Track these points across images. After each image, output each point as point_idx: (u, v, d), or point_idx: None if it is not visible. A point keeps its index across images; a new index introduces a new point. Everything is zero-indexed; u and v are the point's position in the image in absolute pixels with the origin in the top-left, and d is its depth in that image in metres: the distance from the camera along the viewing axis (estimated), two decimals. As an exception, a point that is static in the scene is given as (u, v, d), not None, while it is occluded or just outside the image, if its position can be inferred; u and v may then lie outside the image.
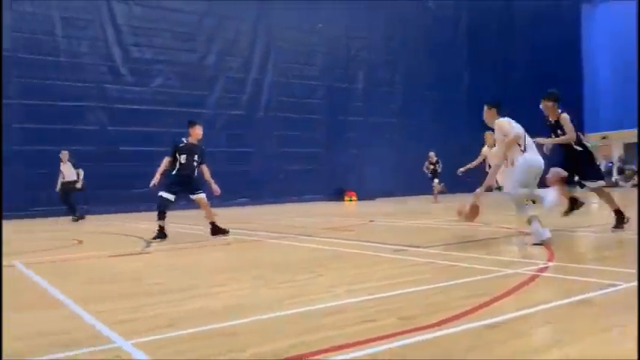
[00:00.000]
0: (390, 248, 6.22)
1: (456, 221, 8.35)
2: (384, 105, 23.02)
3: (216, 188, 8.14)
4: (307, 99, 21.38)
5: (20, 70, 16.14)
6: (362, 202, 20.35)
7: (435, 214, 12.22)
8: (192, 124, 8.32)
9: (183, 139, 8.23)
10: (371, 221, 10.46)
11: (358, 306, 3.43)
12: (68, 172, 13.95)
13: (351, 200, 21.16)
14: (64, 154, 14.04)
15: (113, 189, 16.78)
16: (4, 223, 12.01)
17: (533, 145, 6.20)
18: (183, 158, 8.00)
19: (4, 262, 5.87)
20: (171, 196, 7.89)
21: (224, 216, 11.50)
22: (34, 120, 16.13)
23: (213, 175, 8.36)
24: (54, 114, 16.42)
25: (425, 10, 24.54)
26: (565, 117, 6.73)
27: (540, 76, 26.84)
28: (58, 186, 14.00)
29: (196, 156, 8.14)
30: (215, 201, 9.55)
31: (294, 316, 3.21)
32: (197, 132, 8.25)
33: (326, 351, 2.48)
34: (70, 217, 13.97)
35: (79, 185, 13.96)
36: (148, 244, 7.57)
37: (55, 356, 2.57)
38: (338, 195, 21.44)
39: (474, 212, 6.52)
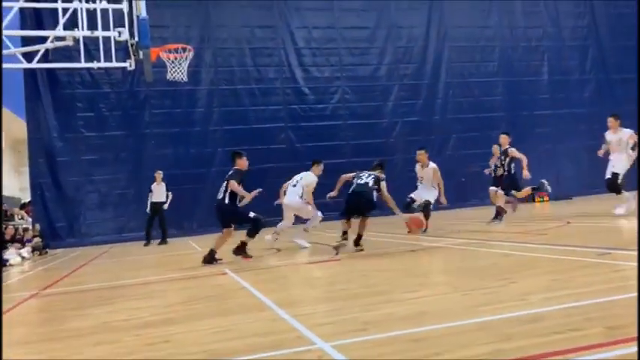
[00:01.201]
0: (591, 252, 5.69)
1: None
2: (575, 95, 21.02)
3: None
4: (486, 97, 20.50)
5: (221, 100, 18.26)
6: (555, 202, 18.78)
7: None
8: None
9: None
10: (568, 222, 9.64)
11: (555, 314, 3.23)
12: (159, 192, 14.38)
13: (542, 201, 19.67)
14: (159, 175, 14.48)
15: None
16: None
17: None
18: None
19: (215, 270, 6.73)
20: None
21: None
22: (234, 144, 18.08)
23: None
24: (249, 136, 18.18)
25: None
26: None
27: None
28: (148, 207, 14.50)
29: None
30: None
31: (487, 324, 3.14)
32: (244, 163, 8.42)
33: (523, 360, 2.40)
34: (158, 242, 14.35)
35: (165, 207, 14.36)
36: (338, 250, 7.94)
37: (264, 355, 2.90)
38: (528, 196, 20.06)
39: None
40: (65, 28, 10.08)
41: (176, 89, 16.97)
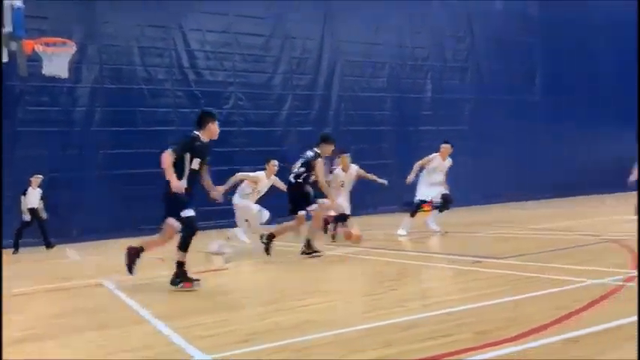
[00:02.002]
0: (467, 260, 6.09)
1: (541, 230, 8.03)
2: (454, 112, 22.56)
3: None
4: (376, 111, 21.36)
5: (105, 99, 17.25)
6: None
7: (518, 223, 11.81)
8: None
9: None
10: (446, 232, 10.26)
11: (430, 320, 3.40)
12: (34, 197, 13.46)
13: (425, 211, 20.80)
14: (37, 179, 13.53)
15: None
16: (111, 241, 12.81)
17: None
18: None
19: (92, 282, 6.31)
20: None
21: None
22: (118, 146, 17.13)
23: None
24: (137, 139, 17.33)
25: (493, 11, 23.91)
26: None
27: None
28: (25, 212, 13.48)
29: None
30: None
31: (370, 331, 3.23)
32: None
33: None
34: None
35: (43, 214, 13.50)
36: (227, 260, 7.80)
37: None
38: (410, 206, 21.16)
39: None
40: None
41: (55, 85, 15.77)
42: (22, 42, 9.19)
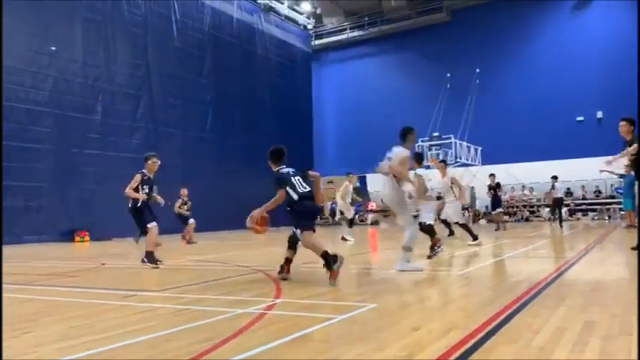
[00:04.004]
0: (119, 294, 5.70)
1: (201, 260, 8.16)
2: (125, 139, 21.80)
3: None
4: (33, 126, 18.88)
5: None
6: (96, 242, 18.65)
7: (179, 254, 11.85)
8: None
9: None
10: (103, 264, 9.57)
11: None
12: None
13: (82, 241, 19.22)
14: None
15: None
16: None
17: None
18: None
19: None
20: None
21: None
22: None
23: None
24: None
25: (171, 48, 24.43)
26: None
27: (280, 125, 29.39)
28: None
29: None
30: None
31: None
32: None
33: None
34: None
35: None
36: None
37: None
38: (68, 235, 19.27)
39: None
40: None
41: None
42: None
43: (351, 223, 15.00)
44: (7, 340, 3.67)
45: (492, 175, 18.46)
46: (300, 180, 6.28)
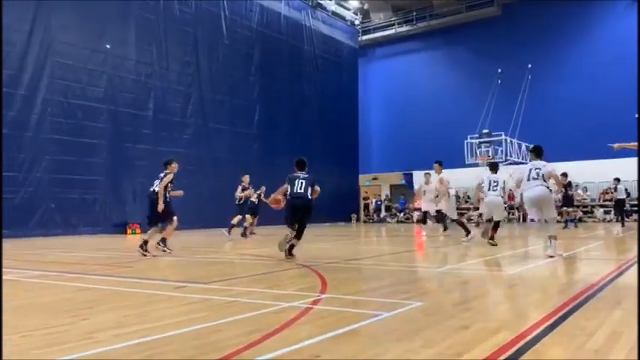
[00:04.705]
0: (170, 285, 5.87)
1: (245, 255, 8.30)
2: (176, 134, 22.36)
3: None
4: (89, 122, 19.60)
5: None
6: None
7: (228, 247, 12.09)
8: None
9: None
10: (154, 256, 9.86)
11: (120, 352, 3.07)
12: None
13: (134, 233, 19.87)
14: None
15: None
16: None
17: None
18: None
19: None
20: None
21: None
22: None
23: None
24: None
25: (221, 46, 24.86)
26: None
27: (326, 122, 29.54)
28: None
29: None
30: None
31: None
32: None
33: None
34: None
35: None
36: None
37: None
38: (120, 227, 19.95)
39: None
40: None
41: None
42: None
43: (425, 219, 15.68)
44: (66, 325, 3.85)
45: (564, 175, 17.45)
46: (303, 183, 8.38)
